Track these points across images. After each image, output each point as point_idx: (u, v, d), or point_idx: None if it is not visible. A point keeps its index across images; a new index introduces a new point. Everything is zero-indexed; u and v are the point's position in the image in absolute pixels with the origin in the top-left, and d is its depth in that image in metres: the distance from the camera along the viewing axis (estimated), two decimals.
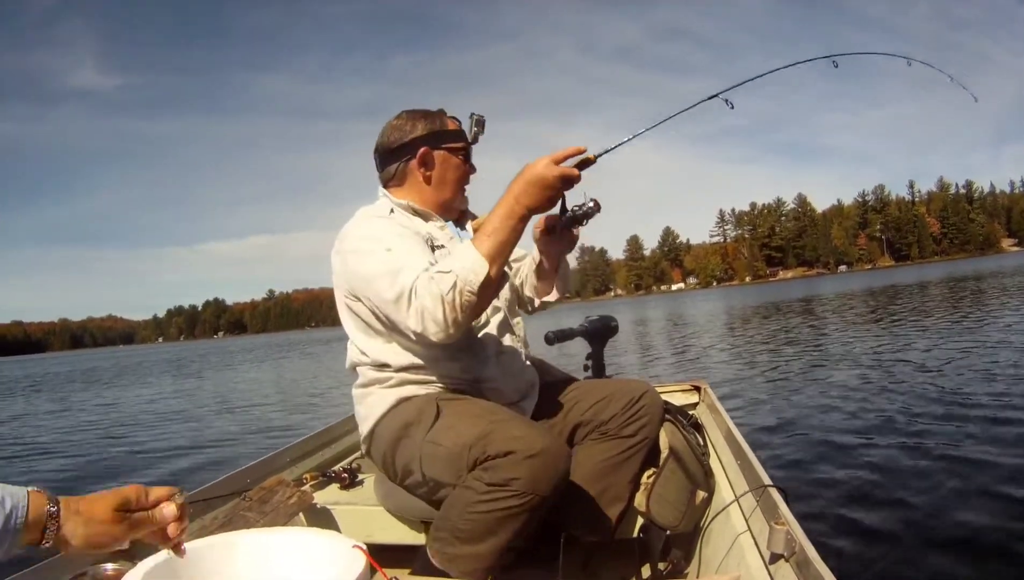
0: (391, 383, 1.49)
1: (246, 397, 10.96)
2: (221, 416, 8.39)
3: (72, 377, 24.68)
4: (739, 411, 5.05)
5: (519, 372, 1.60)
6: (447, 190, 1.57)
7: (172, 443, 6.47)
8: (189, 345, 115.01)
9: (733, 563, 1.29)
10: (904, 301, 17.40)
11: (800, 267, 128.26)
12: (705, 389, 2.34)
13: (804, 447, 3.83)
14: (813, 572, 0.96)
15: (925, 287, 23.84)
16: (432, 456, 1.36)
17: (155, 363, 31.91)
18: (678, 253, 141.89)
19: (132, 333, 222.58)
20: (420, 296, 1.25)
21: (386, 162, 1.57)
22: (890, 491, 2.91)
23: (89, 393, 14.98)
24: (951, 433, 3.77)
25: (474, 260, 1.25)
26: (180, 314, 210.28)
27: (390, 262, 1.33)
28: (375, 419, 1.50)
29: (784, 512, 1.17)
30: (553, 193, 1.29)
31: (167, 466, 5.31)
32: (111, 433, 7.58)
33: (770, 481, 1.33)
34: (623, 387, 1.61)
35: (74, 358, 79.66)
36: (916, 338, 8.63)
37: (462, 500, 1.29)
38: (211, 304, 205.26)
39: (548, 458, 1.24)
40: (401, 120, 1.56)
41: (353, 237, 1.45)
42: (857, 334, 10.43)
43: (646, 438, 1.56)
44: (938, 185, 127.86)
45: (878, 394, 5.21)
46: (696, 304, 39.60)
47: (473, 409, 1.39)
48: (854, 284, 39.89)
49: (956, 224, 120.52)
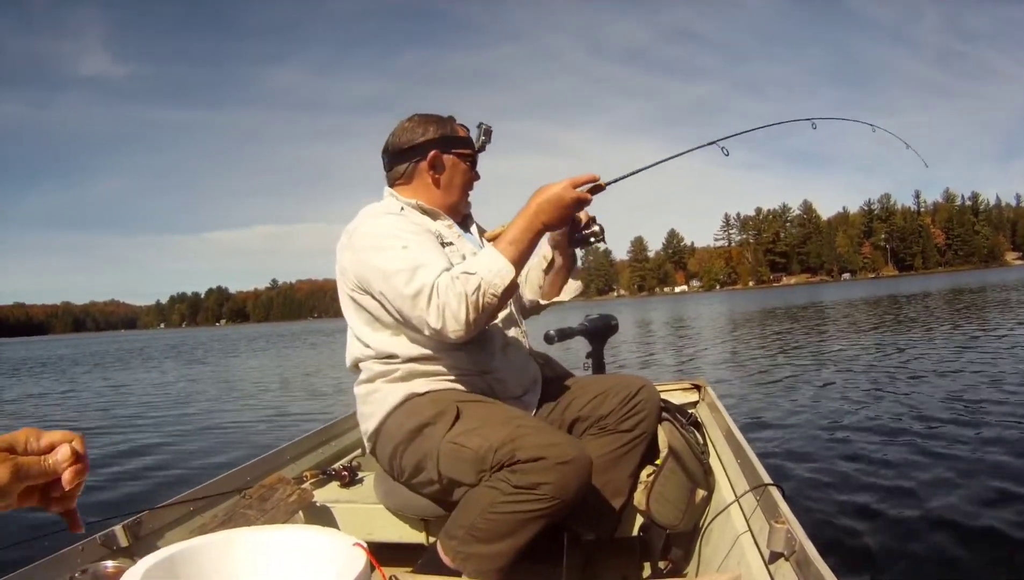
0: (398, 376, 1.49)
1: (270, 385, 10.96)
2: (238, 403, 8.41)
3: (77, 359, 24.67)
4: (740, 410, 5.05)
5: (524, 366, 1.62)
6: (454, 193, 1.61)
7: (179, 431, 6.49)
8: (191, 332, 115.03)
9: (733, 562, 1.29)
10: (906, 310, 17.41)
11: (804, 273, 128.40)
12: (705, 388, 2.34)
13: (804, 446, 3.84)
14: (813, 571, 0.96)
15: (928, 297, 23.87)
16: (453, 456, 1.36)
17: (160, 349, 31.93)
18: (682, 255, 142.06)
19: (134, 318, 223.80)
20: (442, 294, 1.30)
21: (395, 162, 1.60)
22: (890, 490, 2.92)
23: (93, 375, 14.98)
24: (951, 434, 3.77)
25: (501, 265, 1.33)
26: (183, 301, 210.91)
27: (408, 259, 1.36)
28: (382, 415, 1.50)
29: (784, 511, 1.17)
30: (568, 213, 1.41)
31: (177, 454, 5.33)
32: (118, 420, 7.60)
33: (770, 480, 1.33)
34: (621, 382, 1.62)
35: (77, 341, 79.55)
36: (916, 344, 8.65)
37: (484, 499, 1.29)
38: (214, 292, 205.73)
39: (578, 466, 1.27)
40: (413, 122, 1.60)
41: (367, 233, 1.46)
42: (858, 339, 10.46)
43: (644, 433, 1.57)
44: (944, 196, 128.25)
45: (878, 395, 5.22)
46: (699, 306, 39.71)
47: (496, 413, 1.40)
48: (857, 292, 39.96)
49: (961, 236, 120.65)
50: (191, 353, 24.91)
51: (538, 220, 1.38)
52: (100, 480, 4.88)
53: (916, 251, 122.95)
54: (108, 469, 5.34)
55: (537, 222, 1.38)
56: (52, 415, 8.95)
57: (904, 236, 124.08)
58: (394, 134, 1.61)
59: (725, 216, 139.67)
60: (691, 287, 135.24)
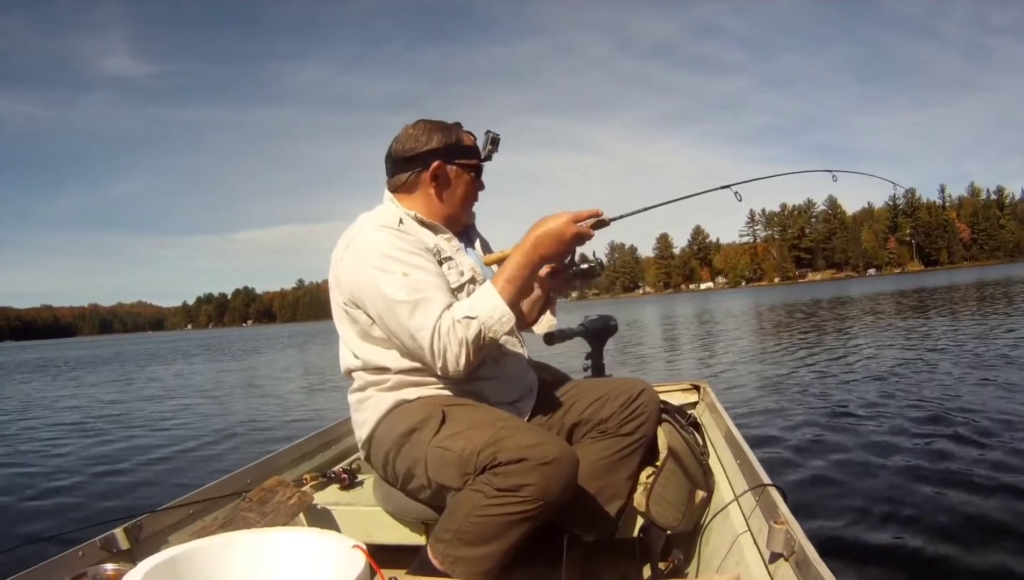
0: (388, 386, 1.49)
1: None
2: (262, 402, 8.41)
3: (106, 359, 24.55)
4: (740, 410, 5.05)
5: (518, 373, 1.61)
6: (455, 205, 1.58)
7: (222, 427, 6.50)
8: (218, 332, 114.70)
9: (733, 563, 1.29)
10: (927, 305, 17.30)
11: (829, 269, 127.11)
12: (705, 388, 2.34)
13: (804, 446, 3.84)
14: (813, 571, 0.96)
15: (954, 291, 23.75)
16: (439, 460, 1.36)
17: (187, 349, 31.90)
18: (707, 252, 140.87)
19: (162, 319, 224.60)
20: (443, 337, 1.33)
21: (398, 169, 1.57)
22: (890, 491, 2.92)
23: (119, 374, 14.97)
24: (952, 435, 3.76)
25: (501, 311, 1.35)
26: (210, 302, 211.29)
27: (411, 289, 1.36)
28: (373, 423, 1.50)
29: (784, 511, 1.17)
30: (567, 249, 1.42)
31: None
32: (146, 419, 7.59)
33: (769, 480, 1.33)
34: (620, 385, 1.61)
35: (106, 342, 79.21)
36: (919, 344, 8.63)
37: (469, 503, 1.29)
38: (241, 292, 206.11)
39: (560, 466, 1.26)
40: (418, 129, 1.56)
41: (366, 250, 1.43)
42: (866, 337, 10.41)
43: (644, 436, 1.57)
44: (969, 190, 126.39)
45: (879, 395, 5.22)
46: (721, 302, 39.64)
47: (481, 416, 1.40)
48: (881, 287, 39.85)
49: (986, 230, 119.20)
50: (222, 349, 24.72)
51: (536, 253, 1.38)
52: (100, 480, 4.88)
53: (942, 246, 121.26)
54: (108, 469, 5.34)
55: (535, 255, 1.38)
56: (62, 417, 8.95)
57: (929, 231, 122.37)
58: (398, 140, 1.57)
59: (750, 212, 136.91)
60: (717, 284, 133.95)
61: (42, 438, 7.49)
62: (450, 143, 1.54)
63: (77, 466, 5.76)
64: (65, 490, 4.62)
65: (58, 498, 4.37)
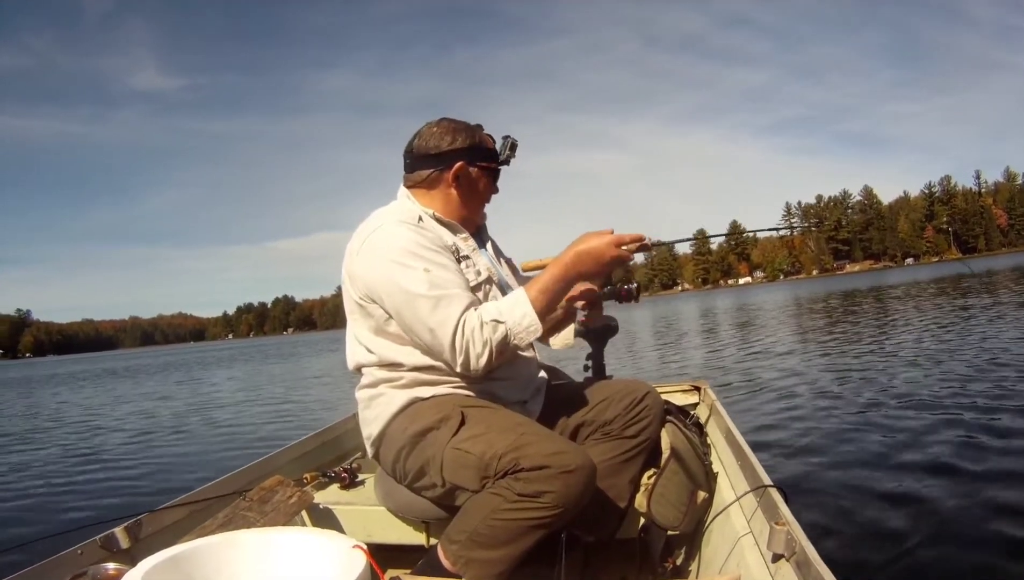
0: (402, 383, 1.48)
1: None
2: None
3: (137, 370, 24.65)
4: (740, 410, 5.05)
5: (528, 374, 1.61)
6: (472, 207, 1.60)
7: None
8: (259, 341, 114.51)
9: (734, 563, 1.29)
10: (938, 298, 17.08)
11: (867, 260, 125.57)
12: (705, 389, 2.34)
13: (805, 447, 3.83)
14: (813, 572, 0.96)
15: (990, 278, 23.39)
16: (457, 462, 1.36)
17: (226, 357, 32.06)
18: (745, 247, 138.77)
19: (202, 330, 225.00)
20: (467, 334, 1.34)
21: (418, 165, 1.56)
22: (891, 491, 2.91)
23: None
24: (954, 436, 3.75)
25: (530, 320, 1.37)
26: (250, 311, 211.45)
27: (432, 285, 1.36)
28: (385, 420, 1.49)
29: (784, 512, 1.17)
30: (606, 270, 1.44)
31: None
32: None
33: (770, 481, 1.33)
34: (625, 388, 1.61)
35: (148, 354, 79.23)
36: (924, 344, 8.60)
37: (488, 506, 1.29)
38: (280, 301, 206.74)
39: (581, 475, 1.27)
40: (441, 128, 1.55)
41: (384, 244, 1.43)
42: (883, 333, 10.29)
43: (648, 439, 1.57)
44: (1005, 175, 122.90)
45: (880, 395, 5.21)
46: (758, 296, 39.63)
47: (501, 420, 1.40)
48: (920, 275, 39.62)
49: (1023, 215, 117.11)
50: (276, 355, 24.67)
51: (574, 269, 1.40)
52: (100, 481, 4.89)
53: (979, 233, 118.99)
54: (107, 470, 5.35)
55: (572, 272, 1.40)
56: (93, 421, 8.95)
57: (966, 218, 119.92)
58: (420, 136, 1.56)
59: (786, 205, 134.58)
60: (755, 278, 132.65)
61: (63, 442, 7.49)
62: (473, 144, 1.55)
63: (77, 466, 5.78)
64: (65, 490, 4.63)
65: (58, 498, 4.38)
